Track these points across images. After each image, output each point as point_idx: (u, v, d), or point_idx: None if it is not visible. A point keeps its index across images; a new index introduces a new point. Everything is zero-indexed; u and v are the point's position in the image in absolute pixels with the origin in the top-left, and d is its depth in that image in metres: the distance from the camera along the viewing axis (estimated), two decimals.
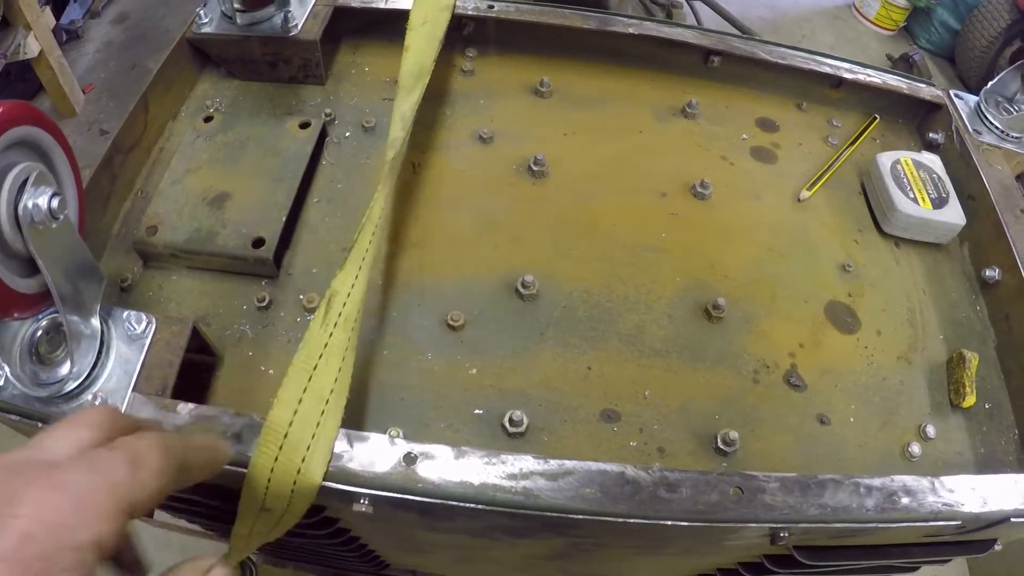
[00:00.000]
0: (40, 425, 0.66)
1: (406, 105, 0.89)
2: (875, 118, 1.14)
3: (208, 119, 0.97)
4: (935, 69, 4.16)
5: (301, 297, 0.83)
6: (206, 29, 1.01)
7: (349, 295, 0.70)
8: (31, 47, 2.90)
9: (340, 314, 0.68)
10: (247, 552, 0.66)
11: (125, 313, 0.71)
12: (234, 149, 0.92)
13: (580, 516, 0.64)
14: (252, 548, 0.67)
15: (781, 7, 4.65)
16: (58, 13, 3.46)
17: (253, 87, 1.06)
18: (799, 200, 1.00)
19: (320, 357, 0.66)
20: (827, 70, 1.09)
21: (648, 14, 1.47)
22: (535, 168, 0.96)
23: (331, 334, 0.67)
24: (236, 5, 0.98)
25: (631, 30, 1.06)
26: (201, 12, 1.02)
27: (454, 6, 1.05)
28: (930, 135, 1.12)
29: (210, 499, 0.71)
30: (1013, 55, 3.75)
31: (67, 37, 3.52)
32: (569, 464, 0.66)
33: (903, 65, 4.07)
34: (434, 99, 1.03)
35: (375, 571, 1.27)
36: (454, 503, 0.64)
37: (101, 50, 3.59)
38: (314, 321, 0.68)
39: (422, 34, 0.98)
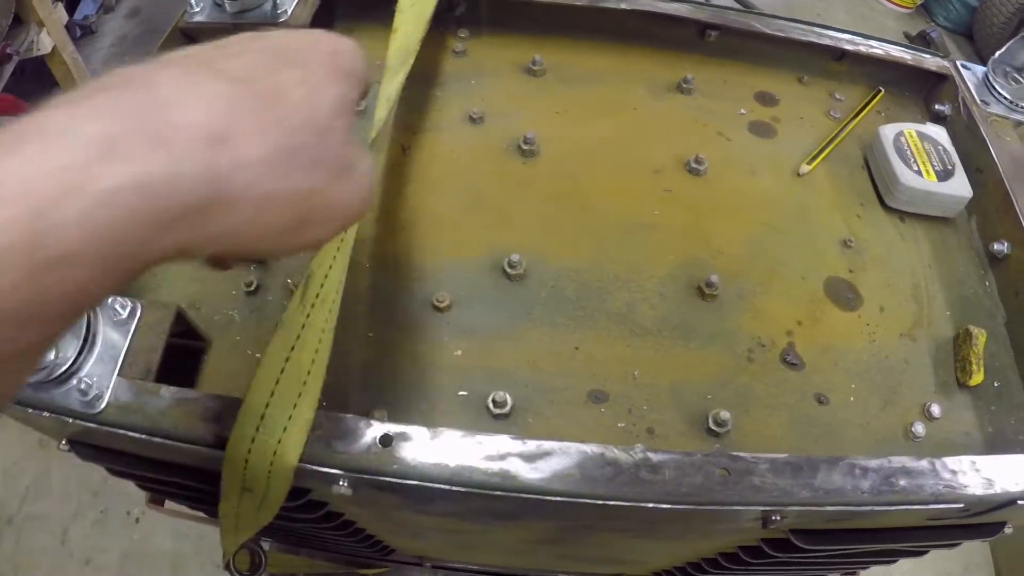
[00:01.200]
0: (30, 411, 0.66)
1: (391, 86, 0.87)
2: (879, 91, 1.10)
3: None
4: (953, 46, 4.10)
5: (289, 281, 0.83)
6: (197, 18, 1.01)
7: (327, 276, 0.68)
8: (44, 43, 2.93)
9: (317, 295, 0.67)
10: (243, 535, 0.67)
11: (110, 299, 0.70)
12: None
13: (559, 499, 0.63)
14: (246, 532, 0.67)
15: None
16: (72, 8, 3.49)
17: None
18: (799, 175, 0.97)
19: (297, 339, 0.65)
20: (828, 42, 1.06)
21: None
22: (525, 147, 0.94)
23: (308, 315, 0.66)
24: None
25: (623, 6, 1.04)
26: (192, 1, 1.01)
27: None
28: (936, 107, 1.09)
29: (198, 482, 0.71)
30: None
31: (81, 32, 3.54)
32: (548, 445, 0.64)
33: (920, 42, 3.99)
34: (425, 81, 1.02)
35: (381, 557, 1.27)
36: (430, 484, 0.63)
37: (115, 44, 3.62)
38: (292, 302, 0.67)
39: (410, 15, 0.96)
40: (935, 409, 0.81)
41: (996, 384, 0.85)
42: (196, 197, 0.36)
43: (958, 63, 1.10)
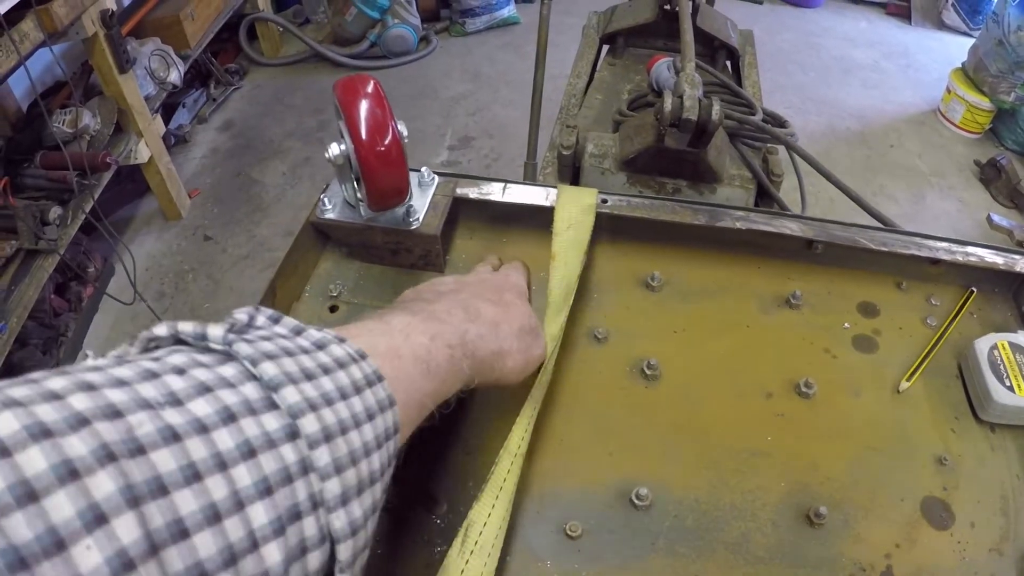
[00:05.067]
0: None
1: (555, 326, 0.95)
2: (972, 291, 1.15)
3: (333, 308, 1.05)
4: (1023, 170, 4.12)
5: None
6: (329, 215, 1.09)
7: (486, 524, 0.75)
8: (142, 153, 3.09)
9: (476, 543, 0.74)
10: None
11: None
12: None
13: None
14: None
15: (868, 118, 4.72)
16: (167, 118, 3.67)
17: (375, 270, 1.14)
18: (898, 391, 1.02)
19: None
20: (926, 254, 1.12)
21: (745, 161, 1.51)
22: (648, 372, 1.00)
23: (467, 561, 0.73)
24: (361, 199, 1.03)
25: (739, 225, 1.11)
26: (324, 199, 1.10)
27: (596, 207, 1.12)
28: None
29: None
30: None
31: (175, 141, 3.72)
32: None
33: (991, 171, 4.05)
34: None
35: None
36: None
37: (207, 156, 3.79)
38: (452, 549, 0.74)
39: (567, 241, 1.04)
40: None
41: None
42: (491, 350, 0.76)
43: None
